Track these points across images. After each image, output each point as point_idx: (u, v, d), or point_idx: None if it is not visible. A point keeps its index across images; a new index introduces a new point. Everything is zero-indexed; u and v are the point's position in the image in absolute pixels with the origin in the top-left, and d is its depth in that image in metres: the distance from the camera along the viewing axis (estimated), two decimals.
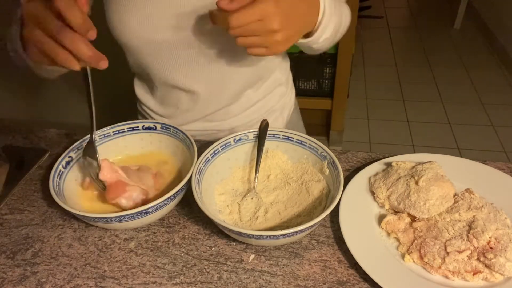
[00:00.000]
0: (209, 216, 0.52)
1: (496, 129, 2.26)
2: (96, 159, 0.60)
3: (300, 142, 0.66)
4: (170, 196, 0.56)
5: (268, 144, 0.67)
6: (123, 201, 0.59)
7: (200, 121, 0.81)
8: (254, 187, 0.64)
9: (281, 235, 0.50)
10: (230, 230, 0.52)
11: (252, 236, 0.52)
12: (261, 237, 0.52)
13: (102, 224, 0.57)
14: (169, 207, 0.60)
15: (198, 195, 0.56)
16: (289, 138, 0.67)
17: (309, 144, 0.65)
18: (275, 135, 0.67)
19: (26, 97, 1.83)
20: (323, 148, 0.63)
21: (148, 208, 0.55)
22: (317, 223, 0.51)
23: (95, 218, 0.54)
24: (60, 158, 0.63)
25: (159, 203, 0.55)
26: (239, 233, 0.52)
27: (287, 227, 0.52)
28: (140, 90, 0.84)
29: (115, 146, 0.70)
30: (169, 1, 0.65)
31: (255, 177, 0.65)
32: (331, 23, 0.62)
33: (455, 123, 2.33)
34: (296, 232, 0.51)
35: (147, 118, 0.88)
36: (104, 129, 0.69)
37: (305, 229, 0.51)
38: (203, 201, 0.56)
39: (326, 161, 0.62)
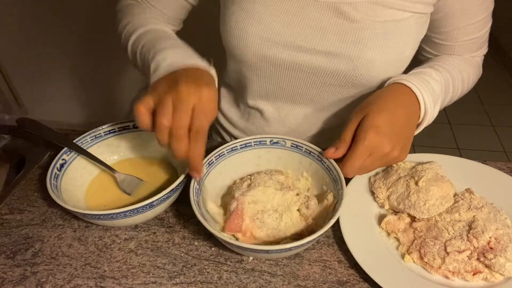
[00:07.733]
0: (208, 228, 0.51)
1: (496, 129, 2.27)
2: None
3: (295, 146, 0.64)
4: (172, 189, 0.56)
5: (260, 151, 0.65)
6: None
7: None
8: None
9: (285, 248, 0.49)
10: (228, 243, 0.51)
11: (255, 251, 0.50)
12: (267, 251, 0.49)
13: (103, 221, 0.57)
14: (170, 201, 0.59)
15: (196, 204, 0.54)
16: (292, 144, 0.65)
17: (305, 148, 0.63)
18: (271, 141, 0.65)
19: (27, 97, 1.84)
20: (319, 152, 0.62)
21: (153, 202, 0.54)
22: (321, 235, 0.49)
23: (97, 215, 0.54)
24: (54, 160, 0.62)
25: (162, 196, 0.55)
26: (239, 247, 0.50)
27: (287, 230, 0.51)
28: (226, 103, 0.80)
29: (111, 146, 0.69)
30: (297, 16, 0.60)
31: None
32: (437, 106, 0.61)
33: (455, 123, 2.33)
34: (299, 246, 0.49)
35: (221, 134, 0.84)
36: (104, 126, 0.68)
37: (307, 243, 0.49)
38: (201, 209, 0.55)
39: (326, 162, 0.61)
